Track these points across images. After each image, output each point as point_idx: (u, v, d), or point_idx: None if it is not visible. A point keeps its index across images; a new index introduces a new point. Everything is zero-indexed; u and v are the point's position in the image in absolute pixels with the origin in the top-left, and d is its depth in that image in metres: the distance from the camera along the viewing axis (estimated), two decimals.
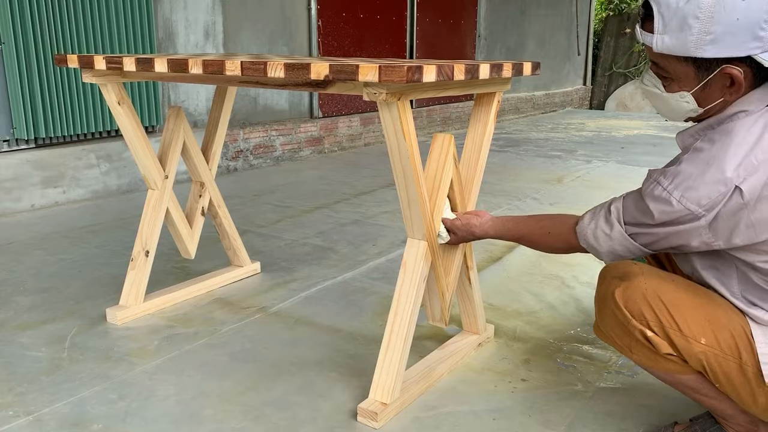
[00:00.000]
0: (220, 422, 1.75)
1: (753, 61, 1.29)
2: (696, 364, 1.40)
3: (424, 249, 1.79)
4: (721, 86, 1.34)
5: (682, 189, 1.32)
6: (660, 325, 1.39)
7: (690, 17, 1.27)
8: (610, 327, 1.49)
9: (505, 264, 3.03)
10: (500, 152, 6.31)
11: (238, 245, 2.81)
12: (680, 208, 1.32)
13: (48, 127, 4.02)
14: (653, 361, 1.45)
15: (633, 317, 1.41)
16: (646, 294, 1.40)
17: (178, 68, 1.88)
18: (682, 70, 1.35)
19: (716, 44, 1.27)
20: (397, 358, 1.78)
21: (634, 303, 1.41)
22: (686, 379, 1.46)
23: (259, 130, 5.43)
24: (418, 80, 1.46)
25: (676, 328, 1.38)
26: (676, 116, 1.45)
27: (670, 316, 1.38)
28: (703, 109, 1.39)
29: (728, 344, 1.37)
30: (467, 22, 7.93)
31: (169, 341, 2.23)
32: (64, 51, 4.02)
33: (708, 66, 1.32)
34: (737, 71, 1.30)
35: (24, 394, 1.88)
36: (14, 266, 2.94)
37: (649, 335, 1.40)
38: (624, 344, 1.48)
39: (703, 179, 1.29)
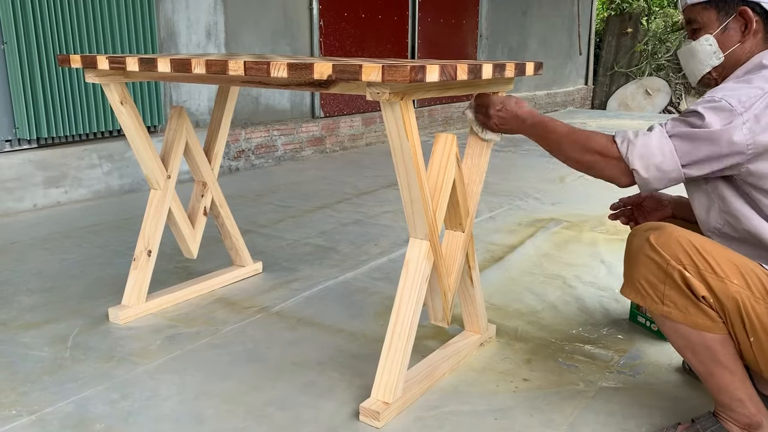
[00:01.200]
0: (223, 422, 1.76)
1: (764, 10, 1.54)
2: (732, 305, 1.43)
3: (427, 249, 1.79)
4: (737, 30, 1.57)
5: (723, 92, 1.48)
6: (695, 267, 1.44)
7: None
8: (645, 276, 1.50)
9: (506, 264, 3.03)
10: (502, 152, 6.31)
11: (240, 245, 2.81)
12: (723, 103, 1.44)
13: (50, 127, 4.02)
14: (684, 312, 1.47)
15: (671, 258, 1.46)
16: (680, 239, 1.46)
17: (181, 68, 1.88)
18: (707, 16, 1.59)
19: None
20: (399, 358, 1.78)
21: (670, 247, 1.46)
22: (710, 339, 1.47)
23: (260, 130, 5.43)
24: (421, 80, 1.47)
25: (711, 270, 1.43)
26: (701, 65, 1.63)
27: (704, 259, 1.44)
28: (723, 55, 1.59)
29: (758, 287, 1.44)
30: (469, 22, 7.93)
31: (171, 341, 2.23)
32: (66, 51, 4.03)
33: (727, 9, 1.56)
34: (751, 13, 1.54)
35: (27, 393, 1.88)
36: (17, 266, 2.95)
37: (688, 276, 1.44)
38: (656, 295, 1.49)
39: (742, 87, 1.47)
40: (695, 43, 1.62)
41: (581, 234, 3.55)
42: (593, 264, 3.04)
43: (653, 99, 10.74)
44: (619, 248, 3.26)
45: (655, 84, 10.90)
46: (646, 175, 1.51)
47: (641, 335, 2.30)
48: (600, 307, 2.55)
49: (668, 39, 11.26)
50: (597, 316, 2.46)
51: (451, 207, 1.91)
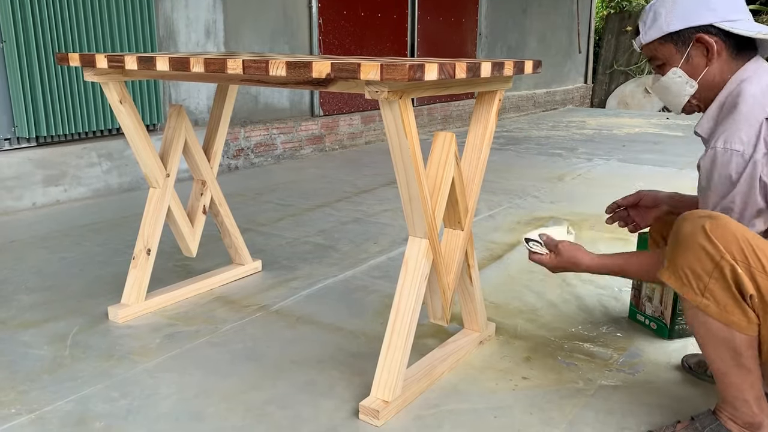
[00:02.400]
0: (222, 420, 1.76)
1: (720, 31, 1.57)
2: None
3: (426, 247, 1.79)
4: (700, 55, 1.60)
5: (723, 140, 1.50)
6: (747, 264, 1.41)
7: (659, 8, 1.63)
8: (691, 264, 1.45)
9: (506, 262, 3.04)
10: (501, 150, 6.31)
11: (239, 243, 2.81)
12: (728, 154, 1.48)
13: (49, 126, 4.02)
14: (721, 309, 1.44)
15: (726, 251, 1.42)
16: (737, 233, 1.42)
17: (179, 67, 1.88)
18: (667, 51, 1.64)
19: (680, 18, 1.59)
20: (399, 356, 1.78)
21: (726, 239, 1.42)
22: (739, 339, 1.45)
23: (260, 129, 5.43)
24: (420, 78, 1.46)
25: (762, 270, 1.40)
26: (679, 98, 1.67)
27: (757, 257, 1.41)
28: (696, 82, 1.63)
29: None
30: (468, 21, 7.93)
31: (170, 339, 2.23)
32: (65, 49, 4.02)
33: (683, 40, 1.61)
34: (707, 37, 1.57)
35: (26, 392, 1.88)
36: (16, 265, 2.95)
37: (740, 272, 1.41)
38: (698, 286, 1.45)
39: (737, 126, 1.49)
40: (665, 78, 1.67)
41: (580, 232, 3.55)
42: None
43: (652, 97, 10.74)
44: (618, 247, 3.26)
45: None
46: None
47: (640, 333, 2.30)
48: (599, 306, 2.55)
49: None
50: (596, 315, 2.47)
51: (450, 205, 1.91)
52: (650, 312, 2.30)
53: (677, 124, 8.51)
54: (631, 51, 11.29)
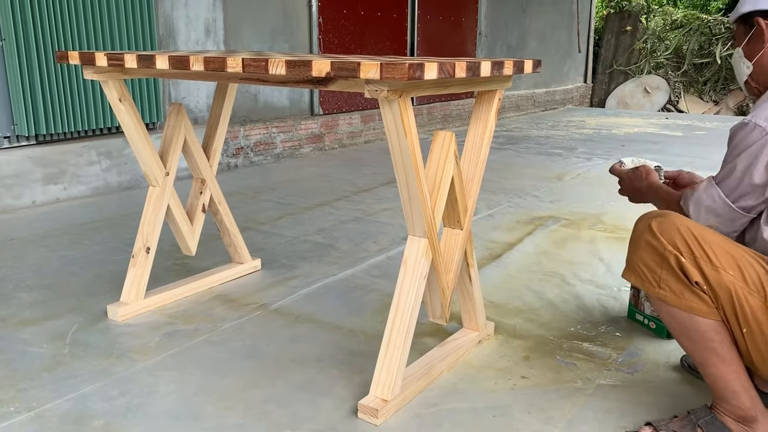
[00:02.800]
0: (221, 419, 1.76)
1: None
2: (725, 298, 1.48)
3: (425, 246, 1.79)
4: (759, 39, 1.66)
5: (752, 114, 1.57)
6: (692, 254, 1.50)
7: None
8: (644, 260, 1.57)
9: (505, 261, 3.04)
10: (501, 150, 6.32)
11: (238, 242, 2.81)
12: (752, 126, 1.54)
13: (49, 124, 4.02)
14: (679, 296, 1.52)
15: (668, 244, 1.53)
16: (680, 227, 1.53)
17: (179, 65, 1.88)
18: (739, 31, 1.73)
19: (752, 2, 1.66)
20: (398, 355, 1.78)
21: (669, 233, 1.53)
22: (704, 324, 1.51)
23: (259, 127, 5.43)
24: (420, 77, 1.47)
25: (707, 259, 1.49)
26: (740, 76, 1.76)
27: (701, 247, 1.50)
28: (752, 63, 1.69)
29: (754, 281, 1.48)
30: (468, 20, 7.92)
31: (169, 338, 2.23)
32: (64, 48, 4.02)
33: (749, 22, 1.68)
34: (762, 21, 1.63)
35: (25, 390, 1.88)
36: (15, 263, 2.95)
37: (683, 261, 1.50)
38: (654, 278, 1.55)
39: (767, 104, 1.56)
40: (734, 56, 1.78)
41: (580, 232, 3.55)
42: (592, 262, 3.04)
43: (652, 97, 10.74)
44: (617, 246, 3.26)
45: (654, 82, 10.90)
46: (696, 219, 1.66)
47: (639, 333, 2.31)
48: (598, 305, 2.55)
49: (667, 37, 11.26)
50: (595, 314, 2.47)
51: (450, 205, 1.92)
52: (649, 311, 2.31)
53: (677, 124, 8.52)
54: (631, 50, 11.29)
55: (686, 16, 11.46)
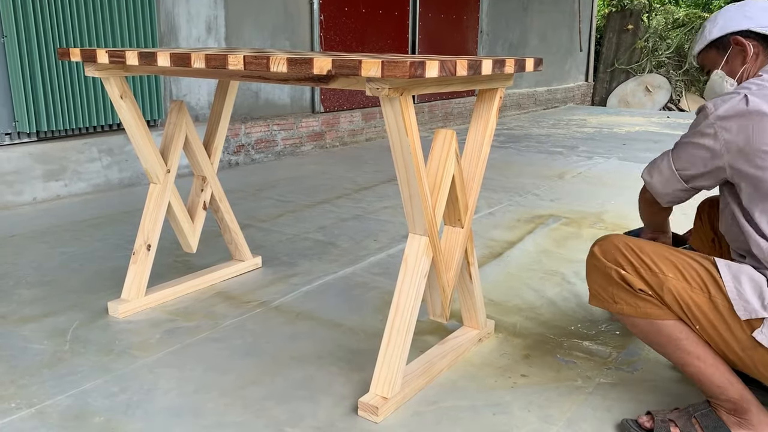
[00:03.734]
0: (222, 416, 1.76)
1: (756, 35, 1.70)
2: (670, 300, 1.56)
3: (426, 244, 1.80)
4: (738, 56, 1.74)
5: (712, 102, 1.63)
6: (632, 266, 1.61)
7: (706, 24, 1.81)
8: (595, 282, 1.68)
9: (505, 260, 3.04)
10: (502, 148, 6.31)
11: (239, 239, 2.81)
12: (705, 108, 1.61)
13: (50, 121, 4.02)
14: (634, 306, 1.61)
15: (609, 262, 1.64)
16: (618, 245, 1.65)
17: (180, 62, 1.88)
18: (710, 57, 1.80)
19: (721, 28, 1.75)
20: (398, 353, 1.79)
21: (609, 252, 1.65)
22: (665, 326, 1.59)
23: (260, 125, 5.43)
24: (421, 76, 1.47)
25: (646, 267, 1.59)
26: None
27: (639, 257, 1.61)
28: (735, 80, 1.76)
29: (695, 279, 1.56)
30: (469, 18, 7.92)
31: (170, 335, 2.23)
32: (66, 44, 4.02)
33: (723, 45, 1.75)
34: (743, 39, 1.70)
35: (26, 386, 1.89)
36: (16, 259, 2.95)
37: (623, 273, 1.61)
38: (608, 296, 1.65)
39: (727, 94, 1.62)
40: (710, 80, 1.83)
41: (580, 230, 3.55)
42: None
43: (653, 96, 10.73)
44: None
45: (656, 81, 10.89)
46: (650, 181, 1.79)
47: None
48: None
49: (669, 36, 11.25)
50: (595, 313, 2.47)
51: (450, 203, 1.92)
52: None
53: (678, 123, 8.51)
54: (633, 49, 11.28)
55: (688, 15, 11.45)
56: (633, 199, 4.21)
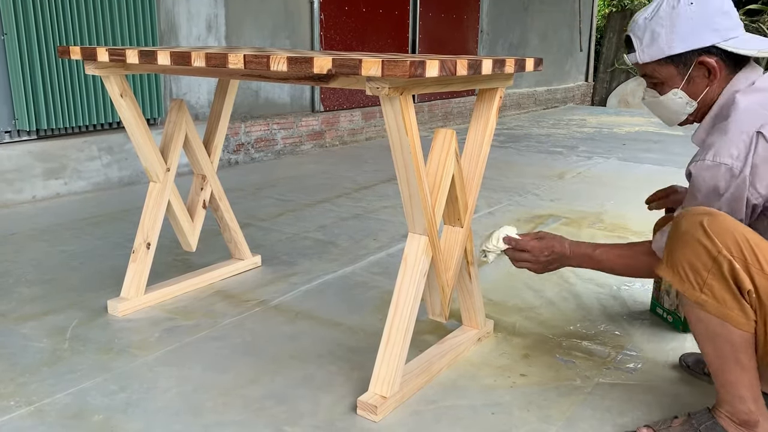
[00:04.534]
0: (221, 414, 1.76)
1: (720, 50, 1.57)
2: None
3: (425, 244, 1.80)
4: (702, 76, 1.60)
5: (713, 152, 1.50)
6: (744, 260, 1.41)
7: (656, 27, 1.59)
8: (690, 259, 1.46)
9: (505, 259, 3.04)
10: (501, 148, 6.31)
11: (239, 238, 2.81)
12: (717, 166, 1.49)
13: (50, 119, 4.02)
14: (720, 304, 1.44)
15: (723, 246, 1.42)
16: (734, 230, 1.43)
17: (180, 61, 1.88)
18: (667, 71, 1.63)
19: (682, 41, 1.57)
20: (397, 352, 1.79)
21: (724, 235, 1.42)
22: (737, 336, 1.45)
23: (260, 124, 5.43)
24: (421, 75, 1.47)
25: (759, 266, 1.40)
26: (677, 116, 1.69)
27: (754, 253, 1.41)
28: (696, 102, 1.63)
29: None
30: (470, 17, 7.92)
31: (169, 333, 2.23)
32: (66, 42, 4.02)
33: (685, 61, 1.60)
34: (710, 60, 1.57)
35: (25, 384, 1.89)
36: (16, 257, 2.95)
37: (737, 268, 1.41)
38: (697, 281, 1.46)
39: (727, 138, 1.49)
40: (665, 98, 1.66)
41: (580, 230, 3.55)
42: None
43: None
44: None
45: None
46: None
47: (639, 332, 2.31)
48: (598, 304, 2.56)
49: None
50: (595, 313, 2.47)
51: (450, 202, 1.92)
52: (668, 305, 2.33)
53: None
54: None
55: None
56: (632, 199, 4.21)
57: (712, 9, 1.56)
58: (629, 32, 1.67)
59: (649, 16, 1.61)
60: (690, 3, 1.56)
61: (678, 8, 1.57)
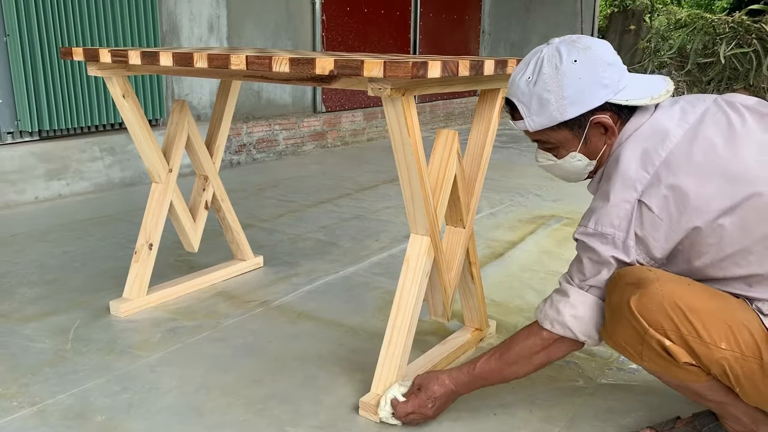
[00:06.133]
0: (223, 415, 1.76)
1: (612, 106, 1.46)
2: (717, 370, 1.36)
3: (427, 244, 1.80)
4: (598, 135, 1.49)
5: (594, 220, 1.46)
6: (678, 333, 1.35)
7: (543, 93, 1.46)
8: (623, 336, 1.44)
9: (507, 260, 3.04)
10: (503, 148, 6.31)
11: (241, 239, 2.81)
12: (598, 235, 1.45)
13: (52, 120, 4.02)
14: (665, 368, 1.42)
15: (650, 326, 1.38)
16: (664, 301, 1.36)
17: (183, 62, 1.88)
18: (561, 136, 1.51)
19: (574, 105, 1.45)
20: (399, 353, 1.79)
21: (651, 312, 1.37)
22: (697, 387, 1.43)
23: (262, 125, 5.43)
24: (423, 76, 1.47)
25: (696, 335, 1.34)
26: (577, 177, 1.61)
27: (689, 323, 1.35)
28: (595, 161, 1.54)
29: (749, 345, 1.34)
30: (471, 18, 7.92)
31: (172, 334, 2.24)
32: (68, 44, 4.03)
33: (579, 124, 1.48)
34: (605, 118, 1.46)
35: (28, 385, 1.89)
36: (18, 258, 2.95)
37: (668, 345, 1.36)
38: (635, 351, 1.43)
39: (609, 205, 1.43)
40: (563, 162, 1.56)
41: None
42: None
43: None
44: None
45: None
46: (596, 337, 1.54)
47: None
48: None
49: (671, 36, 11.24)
50: None
51: (452, 203, 1.92)
52: None
53: None
54: (635, 50, 11.26)
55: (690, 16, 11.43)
56: None
57: (598, 63, 1.43)
58: (511, 97, 1.54)
59: (533, 80, 1.48)
60: (573, 61, 1.43)
61: (562, 68, 1.44)
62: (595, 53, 1.44)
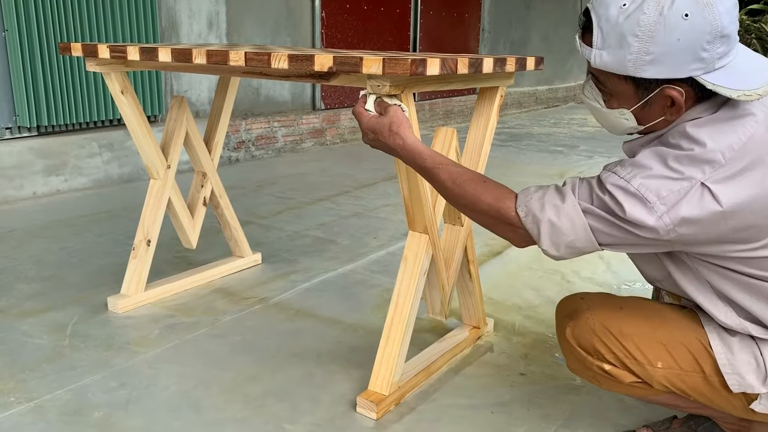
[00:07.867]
0: (221, 411, 1.77)
1: (695, 82, 1.21)
2: (660, 387, 1.38)
3: (426, 242, 1.80)
4: (661, 106, 1.26)
5: (640, 177, 1.21)
6: (615, 356, 1.38)
7: (629, 35, 1.19)
8: (573, 366, 1.50)
9: (505, 258, 3.04)
10: (502, 147, 6.31)
11: (239, 236, 2.81)
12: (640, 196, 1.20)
13: (51, 115, 4.02)
14: (619, 388, 1.44)
15: (588, 354, 1.42)
16: (595, 329, 1.40)
17: (182, 58, 1.88)
18: (622, 88, 1.28)
19: (656, 65, 1.19)
20: (397, 351, 1.79)
21: (586, 340, 1.41)
22: (660, 398, 1.46)
23: (261, 122, 5.43)
24: (422, 73, 1.47)
25: (631, 357, 1.37)
26: (616, 131, 1.39)
27: (622, 346, 1.37)
28: (643, 127, 1.32)
29: (687, 361, 1.35)
30: (471, 16, 7.91)
31: (170, 330, 2.24)
32: (67, 39, 4.02)
33: (648, 85, 1.24)
34: (677, 92, 1.22)
35: (25, 381, 1.89)
36: (16, 254, 2.95)
37: (608, 369, 1.40)
38: (588, 377, 1.48)
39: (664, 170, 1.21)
40: (609, 112, 1.34)
41: None
42: (592, 260, 3.04)
43: None
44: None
45: None
46: (556, 254, 1.33)
47: None
48: None
49: None
50: None
51: None
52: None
53: None
54: None
55: None
56: None
57: (708, 29, 1.16)
58: (593, 12, 1.25)
59: (627, 10, 1.19)
60: (684, 15, 1.15)
61: (666, 17, 1.16)
62: (713, 15, 1.15)
